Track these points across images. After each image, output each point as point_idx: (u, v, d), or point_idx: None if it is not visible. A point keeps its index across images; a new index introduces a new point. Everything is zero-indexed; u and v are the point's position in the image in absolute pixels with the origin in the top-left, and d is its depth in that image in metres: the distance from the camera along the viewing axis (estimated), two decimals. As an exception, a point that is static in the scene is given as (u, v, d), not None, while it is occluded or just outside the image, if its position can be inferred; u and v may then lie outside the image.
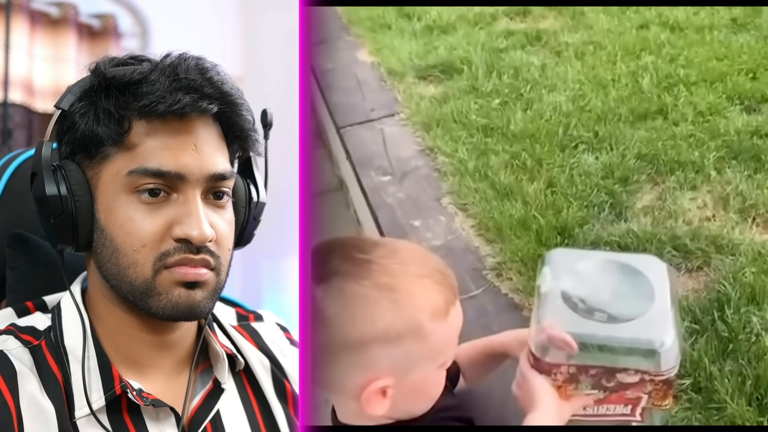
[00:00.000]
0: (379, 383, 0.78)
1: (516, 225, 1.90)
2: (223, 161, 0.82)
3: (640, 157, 2.09)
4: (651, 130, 2.20)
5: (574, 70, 2.52)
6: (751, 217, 1.86)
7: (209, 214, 0.80)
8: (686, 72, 2.46)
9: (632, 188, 1.99)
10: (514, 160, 2.14)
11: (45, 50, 2.07)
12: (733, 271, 1.65)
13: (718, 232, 1.79)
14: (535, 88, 2.44)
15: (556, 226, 1.87)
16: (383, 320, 0.76)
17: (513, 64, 2.57)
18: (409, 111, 2.45)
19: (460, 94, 2.46)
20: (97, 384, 0.79)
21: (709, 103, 2.28)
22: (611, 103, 2.34)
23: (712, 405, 1.38)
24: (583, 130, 2.23)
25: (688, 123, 2.22)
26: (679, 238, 1.79)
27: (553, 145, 2.18)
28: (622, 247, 1.79)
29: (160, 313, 0.79)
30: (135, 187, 0.78)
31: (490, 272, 1.82)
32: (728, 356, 1.46)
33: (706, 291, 1.64)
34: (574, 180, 2.03)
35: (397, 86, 2.59)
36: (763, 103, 2.27)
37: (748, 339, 1.48)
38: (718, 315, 1.55)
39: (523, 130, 2.25)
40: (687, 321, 1.55)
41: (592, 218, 1.91)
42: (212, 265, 0.80)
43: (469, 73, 2.55)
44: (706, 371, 1.43)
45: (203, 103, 0.78)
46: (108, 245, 0.79)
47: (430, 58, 2.63)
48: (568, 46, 2.66)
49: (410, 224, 1.99)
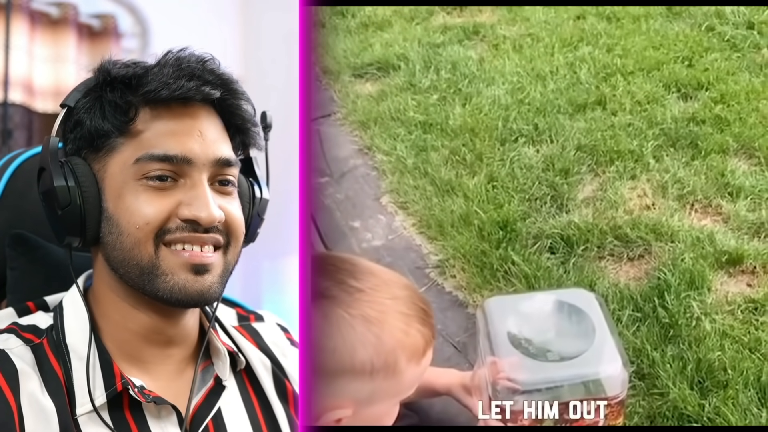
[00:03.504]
0: (338, 414, 0.77)
1: (457, 221, 1.88)
2: (227, 148, 0.83)
3: (579, 148, 2.09)
4: (590, 121, 2.20)
5: (512, 63, 2.51)
6: (689, 203, 1.87)
7: (217, 199, 0.81)
8: (623, 62, 2.46)
9: (573, 180, 1.99)
10: (454, 156, 2.11)
11: (45, 50, 2.06)
12: (673, 257, 1.65)
13: (658, 219, 1.79)
14: (473, 83, 2.42)
15: (498, 220, 1.86)
16: (363, 353, 0.76)
17: (450, 59, 2.55)
18: (345, 110, 2.41)
19: (398, 91, 2.42)
20: (98, 381, 0.79)
21: (647, 92, 2.29)
22: (550, 95, 2.33)
23: (655, 391, 1.39)
24: (523, 123, 2.22)
25: (626, 112, 2.22)
26: (620, 227, 1.79)
27: (492, 139, 2.16)
28: (564, 240, 1.78)
29: (167, 297, 0.79)
30: (143, 174, 0.79)
31: (433, 270, 1.80)
32: (669, 342, 1.47)
33: (647, 279, 1.64)
34: (515, 173, 2.02)
35: (333, 85, 2.55)
36: (698, 90, 2.29)
37: (688, 324, 1.49)
38: (658, 302, 1.55)
39: (462, 124, 2.23)
40: (629, 309, 1.55)
41: (533, 211, 1.89)
42: (222, 243, 0.81)
43: (407, 69, 2.51)
44: (648, 358, 1.43)
45: (206, 88, 0.80)
46: (114, 231, 0.79)
47: (366, 55, 2.59)
48: (505, 39, 2.64)
49: (350, 225, 1.95)
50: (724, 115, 2.14)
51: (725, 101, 2.20)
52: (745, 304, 1.57)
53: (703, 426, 1.32)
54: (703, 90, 2.28)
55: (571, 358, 0.87)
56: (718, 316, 1.54)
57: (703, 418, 1.35)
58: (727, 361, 1.42)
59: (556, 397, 0.86)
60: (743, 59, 2.40)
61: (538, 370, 0.87)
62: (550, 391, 0.86)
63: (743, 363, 1.42)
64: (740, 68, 2.36)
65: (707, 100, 2.22)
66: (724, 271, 1.66)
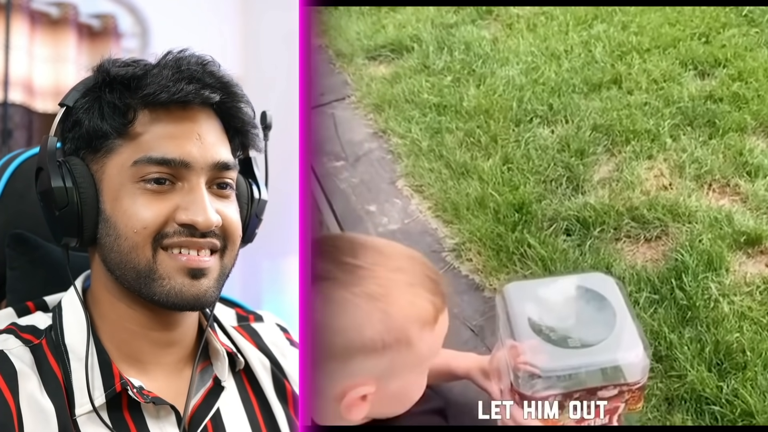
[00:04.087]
0: (361, 390, 0.76)
1: (473, 204, 1.87)
2: (226, 152, 0.83)
3: (595, 128, 2.07)
4: (606, 101, 2.18)
5: (525, 42, 2.48)
6: (707, 183, 1.85)
7: (215, 203, 0.81)
8: (639, 39, 2.43)
9: (589, 160, 1.97)
10: (469, 138, 2.10)
11: (45, 50, 2.05)
12: (690, 238, 1.64)
13: (675, 200, 1.78)
14: (487, 63, 2.40)
15: (514, 203, 1.85)
16: (372, 331, 0.74)
17: (464, 39, 2.53)
18: (359, 93, 2.40)
19: (411, 73, 2.41)
20: (97, 381, 0.79)
21: (663, 70, 2.27)
22: (564, 74, 2.31)
23: (672, 373, 1.38)
24: (537, 103, 2.20)
25: (642, 91, 2.20)
26: (636, 208, 1.78)
27: (507, 120, 2.15)
28: (580, 221, 1.78)
29: (163, 301, 0.79)
30: (141, 177, 0.78)
31: (449, 254, 1.80)
32: (687, 324, 1.46)
33: (665, 260, 1.63)
34: (530, 155, 2.01)
35: (346, 68, 2.54)
36: (716, 68, 2.26)
37: (706, 305, 1.48)
38: (676, 283, 1.54)
39: (476, 106, 2.21)
40: (646, 291, 1.55)
41: (549, 193, 1.88)
42: (218, 247, 0.81)
43: (420, 50, 2.50)
44: (665, 340, 1.43)
45: (206, 92, 0.79)
46: (111, 233, 0.79)
47: (379, 37, 2.58)
48: (519, 18, 2.62)
49: (366, 209, 1.95)
50: (742, 92, 2.11)
51: (743, 78, 2.17)
52: (764, 285, 1.56)
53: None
54: (721, 67, 2.25)
55: (592, 344, 0.86)
56: (736, 298, 1.53)
57: (722, 400, 1.35)
58: (745, 342, 1.42)
59: (576, 383, 0.86)
60: (762, 35, 2.36)
61: (560, 356, 0.86)
62: (570, 378, 0.86)
63: (762, 344, 1.42)
64: (758, 44, 2.32)
65: (725, 78, 2.19)
66: (742, 252, 1.65)
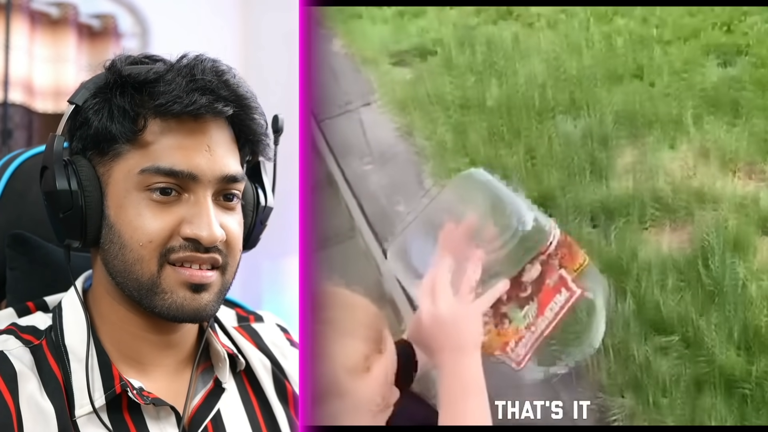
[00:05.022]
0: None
1: (499, 200, 1.89)
2: (235, 163, 0.82)
3: (617, 118, 2.08)
4: (628, 93, 2.19)
5: (546, 39, 2.50)
6: (732, 168, 1.85)
7: (219, 215, 0.80)
8: (660, 31, 2.43)
9: (612, 151, 1.98)
10: (493, 134, 2.13)
11: (45, 50, 2.06)
12: (716, 223, 1.65)
13: (700, 186, 1.79)
14: (508, 61, 2.42)
15: (539, 196, 1.87)
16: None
17: (485, 39, 2.56)
18: (385, 97, 2.44)
19: (435, 75, 2.45)
20: (97, 383, 0.79)
21: (685, 60, 2.27)
22: (586, 71, 2.32)
23: (701, 358, 1.38)
24: (560, 96, 2.22)
25: (664, 81, 2.20)
26: (661, 196, 1.79)
27: (531, 113, 2.17)
28: (604, 211, 1.79)
29: (164, 314, 0.79)
30: (146, 186, 0.77)
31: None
32: (715, 308, 1.46)
33: (690, 246, 1.63)
34: (553, 148, 2.02)
35: (372, 74, 2.58)
36: (738, 56, 2.25)
37: (734, 289, 1.48)
38: (703, 269, 1.55)
39: (499, 102, 2.24)
40: (672, 278, 1.55)
41: (573, 184, 1.90)
42: (220, 263, 0.80)
43: (443, 53, 2.53)
44: (693, 325, 1.43)
45: (219, 105, 0.78)
46: (116, 241, 0.78)
47: (403, 42, 2.62)
48: (540, 17, 2.63)
49: (395, 210, 1.99)
50: (766, 80, 2.11)
51: (766, 65, 2.16)
52: (792, 266, 1.56)
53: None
54: (743, 55, 2.24)
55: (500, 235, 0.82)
56: (764, 281, 1.53)
57: (751, 383, 1.36)
58: (773, 324, 1.42)
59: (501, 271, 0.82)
60: (784, 21, 2.35)
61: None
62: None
63: (791, 326, 1.42)
64: (781, 30, 2.31)
65: (747, 65, 2.19)
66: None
